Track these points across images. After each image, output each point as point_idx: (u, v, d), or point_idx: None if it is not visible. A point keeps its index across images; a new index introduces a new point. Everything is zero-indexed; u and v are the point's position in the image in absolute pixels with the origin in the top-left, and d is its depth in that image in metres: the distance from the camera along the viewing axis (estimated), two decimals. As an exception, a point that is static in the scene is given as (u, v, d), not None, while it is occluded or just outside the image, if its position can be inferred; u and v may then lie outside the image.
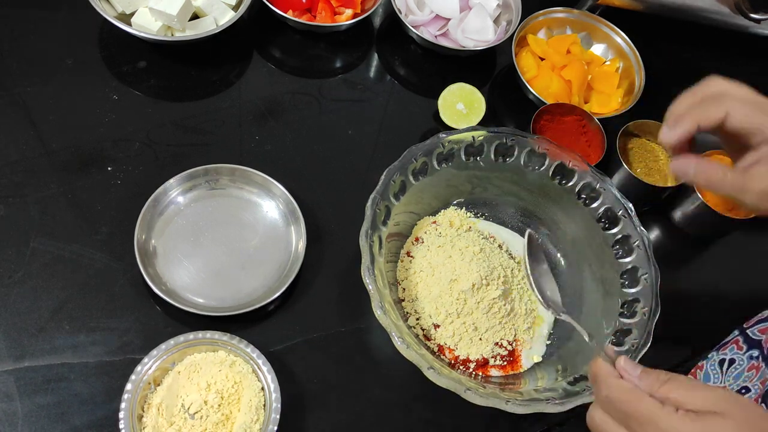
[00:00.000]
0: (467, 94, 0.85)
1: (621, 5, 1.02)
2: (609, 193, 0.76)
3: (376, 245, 0.69)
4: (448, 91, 0.85)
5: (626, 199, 0.76)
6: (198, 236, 0.78)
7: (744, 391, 0.70)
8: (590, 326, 0.75)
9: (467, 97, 0.85)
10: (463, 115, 0.84)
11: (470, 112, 0.85)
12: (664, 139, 0.57)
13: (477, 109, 0.85)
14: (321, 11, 0.94)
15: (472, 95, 0.86)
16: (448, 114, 0.85)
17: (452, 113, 0.85)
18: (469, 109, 0.85)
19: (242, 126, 0.88)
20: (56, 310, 0.72)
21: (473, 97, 0.86)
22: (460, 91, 0.85)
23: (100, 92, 0.86)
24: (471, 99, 0.85)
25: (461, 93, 0.85)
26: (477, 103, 0.85)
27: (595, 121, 0.89)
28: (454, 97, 0.85)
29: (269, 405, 0.67)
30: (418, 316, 0.75)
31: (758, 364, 0.71)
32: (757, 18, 0.96)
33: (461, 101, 0.85)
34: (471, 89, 0.85)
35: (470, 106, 0.85)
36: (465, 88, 0.85)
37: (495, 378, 0.73)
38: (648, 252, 0.73)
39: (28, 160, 0.80)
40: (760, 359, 0.71)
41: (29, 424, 0.66)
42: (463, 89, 0.85)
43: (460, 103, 0.84)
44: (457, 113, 0.84)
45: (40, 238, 0.75)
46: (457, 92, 0.85)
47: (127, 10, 0.87)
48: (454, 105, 0.84)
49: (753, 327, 0.75)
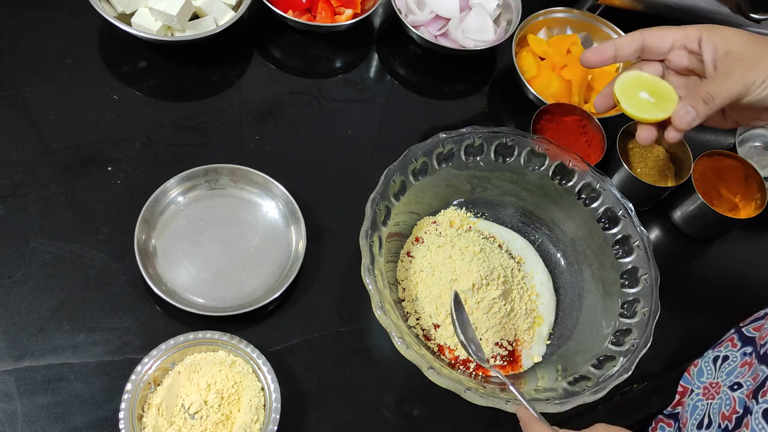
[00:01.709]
0: (649, 82, 0.69)
1: (621, 5, 1.02)
2: (609, 193, 0.76)
3: (376, 245, 0.69)
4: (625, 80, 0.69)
5: (626, 199, 0.76)
6: (198, 236, 0.78)
7: (736, 387, 0.70)
8: (590, 326, 0.75)
9: (649, 86, 0.69)
10: (652, 104, 0.67)
11: (660, 100, 0.67)
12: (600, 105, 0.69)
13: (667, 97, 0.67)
14: (321, 11, 0.94)
15: (655, 82, 0.69)
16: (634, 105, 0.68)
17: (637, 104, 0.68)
18: (657, 97, 0.67)
19: (242, 126, 0.88)
20: (56, 310, 0.72)
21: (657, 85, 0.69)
22: (637, 79, 0.69)
23: (100, 92, 0.86)
24: (655, 88, 0.69)
25: (641, 81, 0.69)
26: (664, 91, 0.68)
27: (595, 121, 0.89)
28: (634, 87, 0.69)
29: (269, 405, 0.67)
30: (418, 316, 0.75)
31: (751, 360, 0.71)
32: (757, 18, 0.96)
33: (644, 89, 0.69)
34: (651, 77, 0.69)
35: (657, 94, 0.68)
36: (642, 77, 0.69)
37: (495, 378, 0.73)
38: (648, 252, 0.73)
39: (28, 160, 0.80)
40: (753, 356, 0.71)
41: (29, 424, 0.66)
42: (640, 77, 0.69)
43: (643, 91, 0.69)
44: (643, 103, 0.68)
45: (40, 238, 0.75)
46: (634, 81, 0.69)
47: (127, 10, 0.87)
48: (637, 94, 0.69)
49: (748, 325, 0.76)
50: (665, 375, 0.82)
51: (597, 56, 0.67)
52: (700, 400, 0.75)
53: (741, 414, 0.67)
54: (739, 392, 0.69)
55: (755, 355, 0.71)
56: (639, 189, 0.86)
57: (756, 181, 0.88)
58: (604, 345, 0.71)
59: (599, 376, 0.67)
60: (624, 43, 0.66)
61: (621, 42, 0.67)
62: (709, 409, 0.72)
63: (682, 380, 0.79)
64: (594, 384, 0.66)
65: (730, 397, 0.70)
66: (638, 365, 0.66)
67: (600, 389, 0.65)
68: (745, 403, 0.68)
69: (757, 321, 0.75)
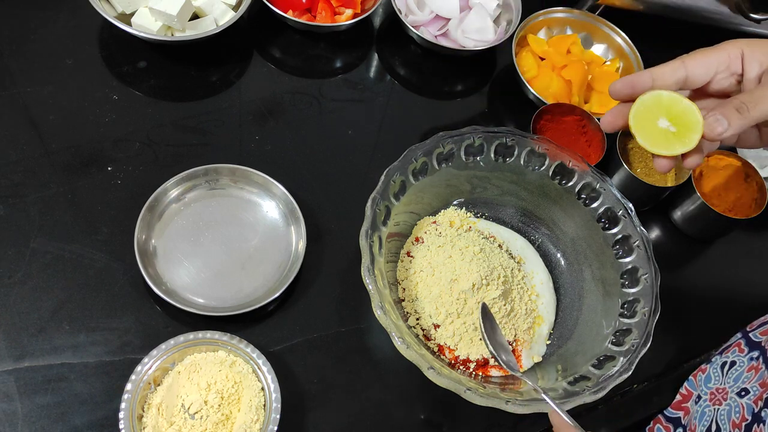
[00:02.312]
0: (671, 106, 0.58)
1: (621, 5, 1.02)
2: (609, 193, 0.76)
3: (376, 245, 0.69)
4: (642, 105, 0.59)
5: (626, 199, 0.76)
6: (198, 236, 0.78)
7: (743, 393, 0.70)
8: (590, 326, 0.75)
9: (671, 111, 0.58)
10: (673, 135, 0.58)
11: (682, 128, 0.58)
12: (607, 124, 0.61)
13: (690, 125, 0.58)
14: (321, 11, 0.94)
15: (681, 109, 0.58)
16: (650, 137, 0.59)
17: (655, 135, 0.59)
18: (679, 125, 0.58)
19: (242, 126, 0.88)
20: (56, 310, 0.72)
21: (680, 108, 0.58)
22: (657, 103, 0.59)
23: (100, 92, 0.86)
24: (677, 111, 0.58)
25: (660, 105, 0.59)
26: (688, 116, 0.58)
27: (595, 121, 0.89)
28: (652, 112, 0.59)
29: (269, 405, 0.67)
30: (418, 316, 0.75)
31: (757, 365, 0.71)
32: (757, 18, 0.96)
33: (663, 116, 0.59)
34: (673, 97, 0.58)
35: (679, 121, 0.58)
36: (663, 98, 0.58)
37: (495, 378, 0.73)
38: (648, 252, 0.73)
39: (28, 160, 0.80)
40: (760, 360, 0.71)
41: (29, 424, 0.66)
42: (659, 99, 0.58)
43: (663, 118, 0.58)
44: (662, 134, 0.59)
45: (40, 238, 0.75)
46: (653, 104, 0.59)
47: (127, 10, 0.87)
48: (655, 123, 0.59)
49: (755, 330, 0.76)
50: (665, 375, 0.82)
51: (628, 89, 0.59)
52: (707, 406, 0.74)
53: (750, 421, 0.67)
54: (747, 398, 0.69)
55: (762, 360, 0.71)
56: (639, 189, 0.86)
57: (756, 181, 0.88)
58: (604, 345, 0.71)
59: (599, 376, 0.67)
60: (665, 74, 0.58)
61: (660, 72, 0.58)
62: (716, 415, 0.72)
63: (686, 384, 0.79)
64: (594, 384, 0.66)
65: (738, 404, 0.70)
66: (638, 365, 0.66)
67: (600, 389, 0.65)
68: (753, 409, 0.68)
69: (764, 326, 0.75)
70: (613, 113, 0.61)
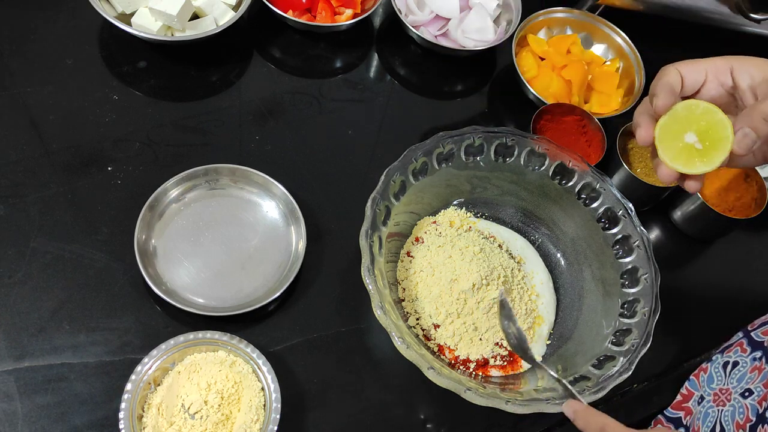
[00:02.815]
0: (701, 118, 0.55)
1: (621, 5, 1.02)
2: (609, 193, 0.76)
3: (376, 245, 0.69)
4: (672, 116, 0.56)
5: (626, 199, 0.76)
6: (198, 236, 0.78)
7: (747, 394, 0.70)
8: (590, 326, 0.75)
9: (701, 125, 0.55)
10: (697, 152, 0.55)
11: (709, 146, 0.55)
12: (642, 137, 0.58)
13: (719, 141, 0.54)
14: (321, 11, 0.94)
15: (714, 122, 0.55)
16: (672, 150, 0.56)
17: (678, 150, 0.56)
18: (706, 142, 0.55)
19: (242, 126, 0.88)
20: (56, 310, 0.72)
21: (712, 122, 0.55)
22: (688, 115, 0.55)
23: (100, 92, 0.86)
24: (708, 125, 0.55)
25: (691, 117, 0.55)
26: (719, 131, 0.55)
27: (595, 121, 0.89)
28: (681, 125, 0.55)
29: (269, 405, 0.67)
30: (418, 316, 0.75)
31: (761, 365, 0.71)
32: (757, 18, 0.96)
33: (692, 130, 0.55)
34: (707, 108, 0.55)
35: (708, 137, 0.55)
36: (696, 108, 0.55)
37: (495, 378, 0.73)
38: (648, 252, 0.73)
39: (28, 160, 0.80)
40: (763, 360, 0.71)
41: (29, 424, 0.66)
42: (693, 111, 0.55)
43: (691, 133, 0.55)
44: (686, 149, 0.55)
45: (40, 238, 0.75)
46: (684, 117, 0.55)
47: (127, 10, 0.87)
48: (681, 136, 0.55)
49: (757, 329, 0.75)
50: (665, 375, 0.82)
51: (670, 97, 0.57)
52: (711, 407, 0.74)
53: (754, 422, 0.67)
54: (750, 399, 0.69)
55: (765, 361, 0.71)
56: (639, 189, 0.86)
57: (756, 181, 0.88)
58: (604, 345, 0.71)
59: (599, 376, 0.67)
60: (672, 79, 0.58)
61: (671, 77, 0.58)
62: (720, 416, 0.72)
63: (687, 384, 0.79)
64: (594, 384, 0.66)
65: (742, 405, 0.70)
66: (638, 365, 0.66)
67: (600, 389, 0.65)
68: (757, 410, 0.68)
69: (765, 325, 0.75)
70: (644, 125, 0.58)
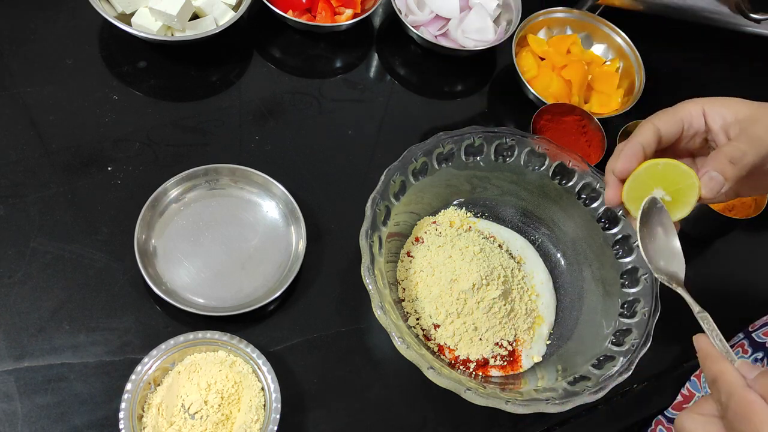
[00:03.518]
0: (664, 174, 0.58)
1: (621, 5, 1.02)
2: (609, 193, 0.76)
3: (376, 245, 0.69)
4: (635, 180, 0.59)
5: (626, 199, 0.76)
6: (198, 236, 0.78)
7: None
8: (590, 326, 0.75)
9: (666, 178, 0.58)
10: (668, 203, 0.58)
11: (678, 196, 0.58)
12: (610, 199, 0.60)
13: (687, 189, 0.57)
14: (321, 11, 0.94)
15: (677, 174, 0.57)
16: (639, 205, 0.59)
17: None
18: (674, 193, 0.58)
19: (242, 126, 0.88)
20: (56, 310, 0.72)
21: (676, 174, 0.57)
22: (651, 174, 0.58)
23: (100, 92, 0.86)
24: (673, 178, 0.57)
25: (655, 176, 0.58)
26: (684, 180, 0.57)
27: (595, 121, 0.89)
28: (646, 184, 0.58)
29: (269, 405, 0.67)
30: (418, 316, 0.75)
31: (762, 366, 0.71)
32: (757, 18, 0.96)
33: (658, 186, 0.58)
34: (668, 164, 0.57)
35: (674, 188, 0.57)
36: (657, 166, 0.58)
37: (495, 378, 0.73)
38: (648, 252, 0.73)
39: (28, 160, 0.80)
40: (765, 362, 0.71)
41: (29, 424, 0.66)
42: (654, 170, 0.58)
43: (658, 189, 0.58)
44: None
45: (40, 238, 0.75)
46: (647, 177, 0.58)
47: (127, 10, 0.87)
48: (649, 193, 0.58)
49: (758, 330, 0.75)
50: (665, 375, 0.82)
51: (630, 162, 0.58)
52: None
53: None
54: None
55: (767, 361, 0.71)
56: (639, 189, 0.86)
57: (756, 181, 0.88)
58: (604, 345, 0.71)
59: (599, 376, 0.67)
60: (647, 138, 0.59)
61: (644, 138, 0.59)
62: None
63: (688, 384, 0.79)
64: (594, 384, 0.66)
65: None
66: (638, 365, 0.66)
67: (600, 389, 0.65)
68: None
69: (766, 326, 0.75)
70: (612, 185, 0.60)
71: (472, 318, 0.73)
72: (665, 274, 0.59)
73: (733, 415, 0.45)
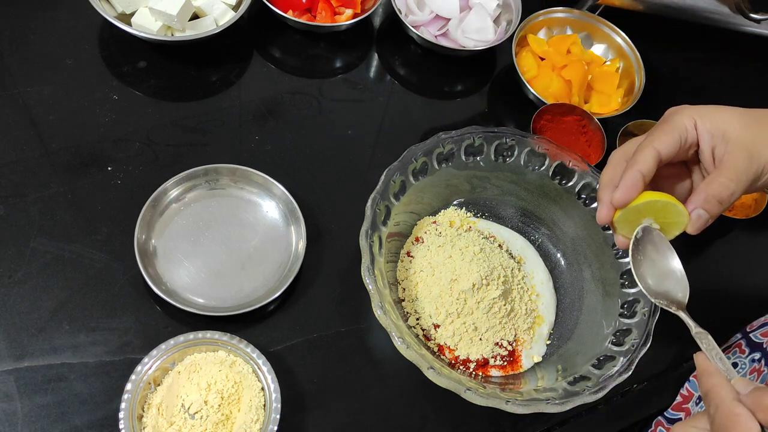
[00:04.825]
0: (663, 210, 0.60)
1: (621, 5, 1.02)
2: (609, 193, 0.76)
3: (376, 245, 0.69)
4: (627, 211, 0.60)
5: (626, 199, 0.75)
6: (198, 236, 0.78)
7: None
8: (590, 326, 0.75)
9: (662, 213, 0.60)
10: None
11: (666, 225, 0.61)
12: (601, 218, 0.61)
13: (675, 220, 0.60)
14: (321, 11, 0.94)
15: (671, 212, 0.59)
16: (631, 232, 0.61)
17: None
18: (662, 223, 0.60)
19: (242, 126, 0.88)
20: (56, 310, 0.72)
21: (672, 214, 0.60)
22: (644, 207, 0.60)
23: (100, 92, 0.86)
24: (668, 216, 0.60)
25: (646, 209, 0.60)
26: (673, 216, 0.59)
27: (595, 121, 0.89)
28: (636, 215, 0.60)
29: (269, 405, 0.67)
30: (418, 316, 0.75)
31: (760, 367, 0.71)
32: (757, 18, 0.96)
33: (648, 216, 0.60)
34: (674, 205, 0.59)
35: (663, 219, 0.60)
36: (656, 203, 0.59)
37: (495, 378, 0.73)
38: (648, 252, 0.73)
39: (28, 160, 0.80)
40: (762, 362, 0.71)
41: (29, 424, 0.66)
42: (653, 205, 0.59)
43: (647, 218, 0.60)
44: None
45: (40, 238, 0.75)
46: (639, 210, 0.60)
47: (127, 10, 0.87)
48: (639, 222, 0.61)
49: (755, 331, 0.75)
50: (665, 375, 0.82)
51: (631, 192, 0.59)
52: None
53: None
54: None
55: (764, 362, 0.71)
56: (639, 189, 0.86)
57: (756, 181, 0.88)
58: (604, 345, 0.71)
59: (599, 376, 0.67)
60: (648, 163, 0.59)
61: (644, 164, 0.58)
62: None
63: (688, 384, 0.79)
64: (594, 384, 0.66)
65: None
66: (638, 365, 0.66)
67: (600, 389, 0.65)
68: None
69: (764, 326, 0.75)
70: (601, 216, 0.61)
71: (472, 318, 0.73)
72: (664, 298, 0.60)
73: (717, 427, 0.46)
